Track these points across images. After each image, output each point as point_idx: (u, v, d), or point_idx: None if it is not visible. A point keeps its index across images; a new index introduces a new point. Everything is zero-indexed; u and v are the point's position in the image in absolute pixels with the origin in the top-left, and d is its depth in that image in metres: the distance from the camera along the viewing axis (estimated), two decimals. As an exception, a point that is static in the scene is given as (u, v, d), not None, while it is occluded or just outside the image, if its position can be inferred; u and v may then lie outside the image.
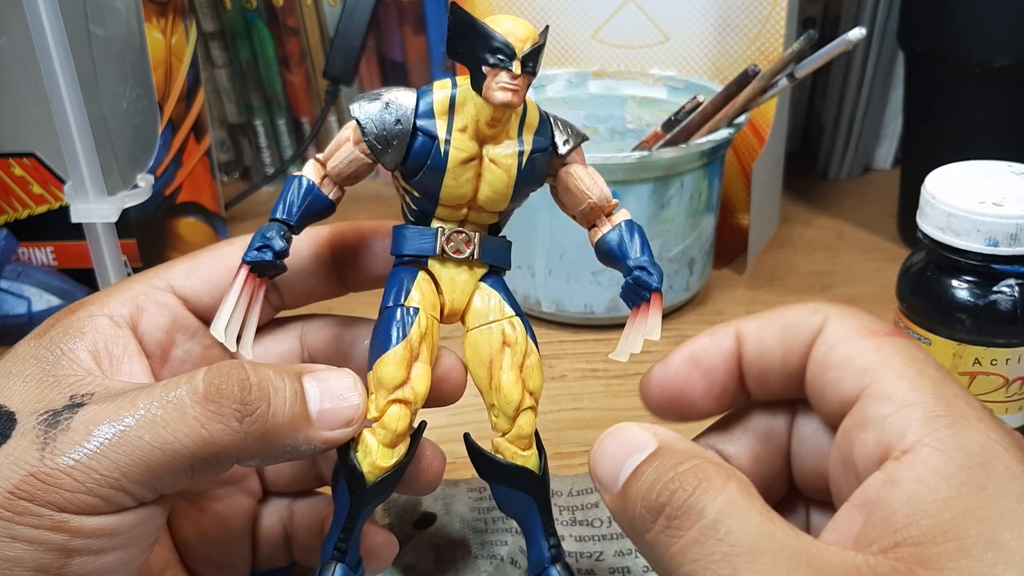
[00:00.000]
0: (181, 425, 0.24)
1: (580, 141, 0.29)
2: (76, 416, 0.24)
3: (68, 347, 0.27)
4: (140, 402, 0.24)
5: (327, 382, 0.26)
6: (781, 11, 0.60)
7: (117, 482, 0.23)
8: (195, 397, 0.24)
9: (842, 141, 0.77)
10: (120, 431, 0.23)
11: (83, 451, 0.23)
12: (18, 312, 0.57)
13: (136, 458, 0.23)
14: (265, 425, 0.25)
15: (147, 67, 0.60)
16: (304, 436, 0.26)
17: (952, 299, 0.40)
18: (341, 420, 0.26)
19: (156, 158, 0.61)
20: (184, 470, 0.24)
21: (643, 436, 0.25)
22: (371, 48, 0.76)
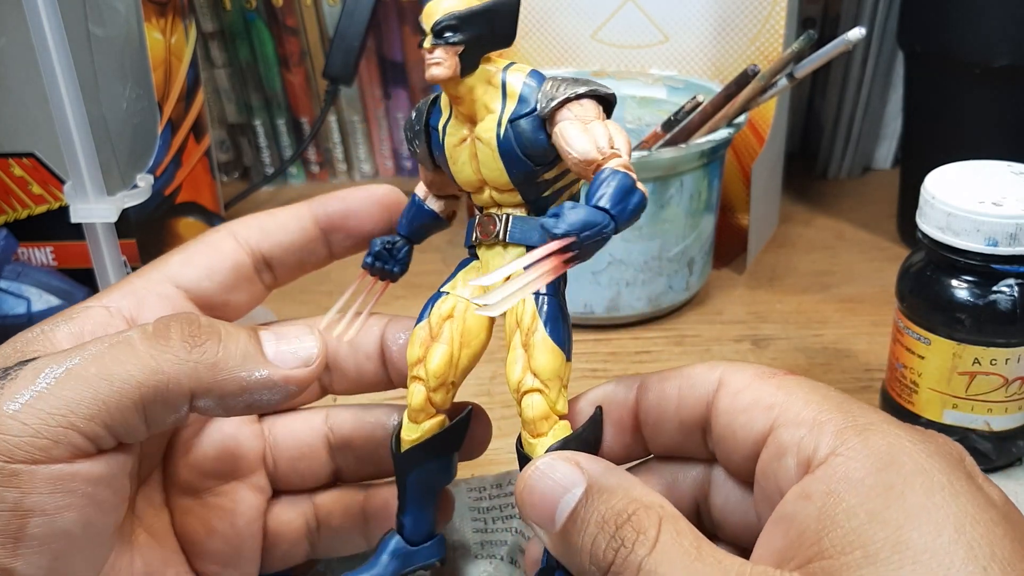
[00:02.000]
0: (130, 357, 0.24)
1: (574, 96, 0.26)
2: (25, 367, 0.24)
3: (49, 328, 0.27)
4: (89, 345, 0.24)
5: (282, 331, 0.27)
6: (781, 11, 0.60)
7: (65, 419, 0.23)
8: (144, 334, 0.24)
9: (842, 141, 0.77)
10: (67, 368, 0.23)
11: (29, 393, 0.23)
12: (18, 312, 0.57)
13: (83, 392, 0.23)
14: (216, 356, 0.25)
15: (147, 67, 0.59)
16: (260, 373, 0.25)
17: (952, 299, 0.40)
18: (298, 359, 0.26)
19: (156, 158, 0.61)
20: (135, 404, 0.24)
21: (570, 474, 0.24)
22: (371, 48, 0.76)
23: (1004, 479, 0.43)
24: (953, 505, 0.21)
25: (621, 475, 0.25)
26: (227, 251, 0.31)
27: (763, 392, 0.25)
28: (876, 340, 0.54)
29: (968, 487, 0.22)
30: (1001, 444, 0.42)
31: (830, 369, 0.52)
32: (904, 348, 0.43)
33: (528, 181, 0.28)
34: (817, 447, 0.23)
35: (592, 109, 0.26)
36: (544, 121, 0.27)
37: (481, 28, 0.26)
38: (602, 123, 0.26)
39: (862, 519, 0.21)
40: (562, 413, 0.28)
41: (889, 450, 0.22)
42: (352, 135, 0.80)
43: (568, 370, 0.28)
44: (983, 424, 0.42)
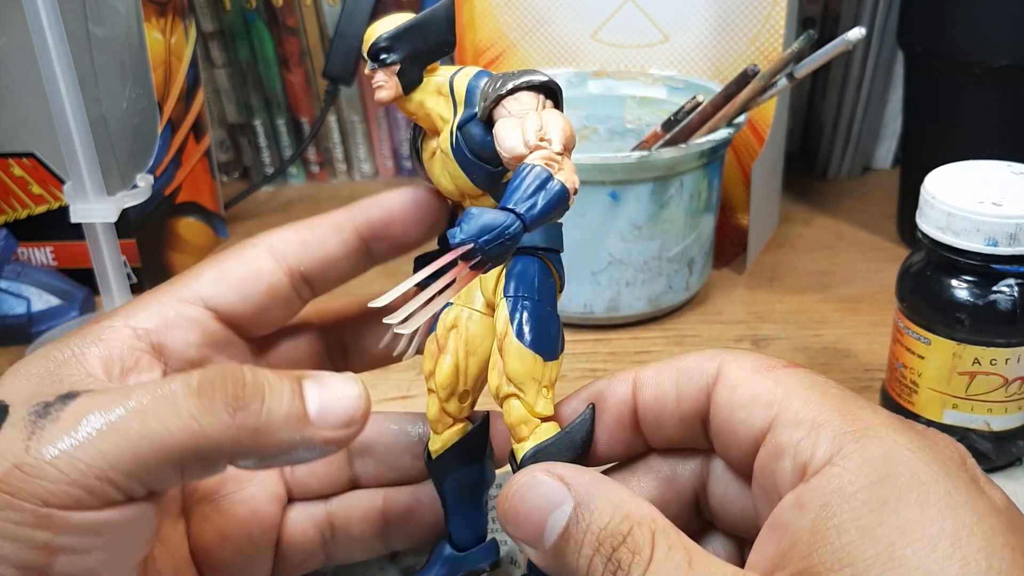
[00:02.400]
0: (172, 416, 0.23)
1: (505, 91, 0.26)
2: (67, 407, 0.23)
3: (80, 350, 0.26)
4: (133, 394, 0.24)
5: (327, 383, 0.25)
6: (781, 11, 0.60)
7: (103, 472, 0.23)
8: (188, 391, 0.24)
9: (842, 141, 0.77)
10: (109, 420, 0.23)
11: (69, 441, 0.22)
12: (17, 312, 0.57)
13: (123, 448, 0.23)
14: (259, 420, 0.24)
15: (147, 67, 0.60)
16: (301, 435, 0.25)
17: (952, 299, 0.40)
18: (341, 420, 0.25)
19: (156, 158, 0.61)
20: (174, 464, 0.23)
21: (557, 490, 0.24)
22: (371, 48, 0.75)
23: (1004, 479, 0.43)
24: (949, 519, 0.20)
25: (610, 488, 0.24)
26: (264, 271, 0.30)
27: (762, 387, 0.25)
28: (876, 340, 0.54)
29: (967, 496, 0.21)
30: (1001, 444, 0.42)
31: (830, 369, 0.52)
32: (904, 348, 0.43)
33: (494, 184, 0.27)
34: (814, 453, 0.23)
35: (528, 101, 0.26)
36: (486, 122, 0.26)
37: (414, 43, 0.26)
38: (536, 114, 0.25)
39: (853, 536, 0.21)
40: (544, 415, 0.27)
41: (886, 460, 0.22)
42: (352, 135, 0.80)
43: (550, 370, 0.28)
44: (983, 424, 0.42)
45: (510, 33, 0.67)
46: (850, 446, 0.22)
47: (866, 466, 0.22)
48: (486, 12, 0.67)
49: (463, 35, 0.68)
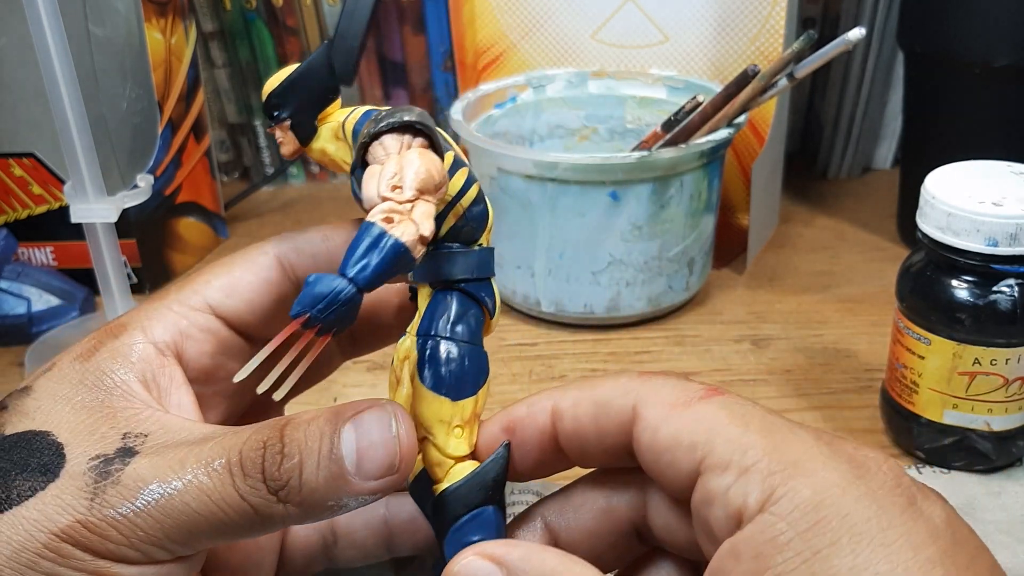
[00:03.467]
0: (224, 496, 0.24)
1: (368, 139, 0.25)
2: (126, 470, 0.24)
3: (121, 377, 0.26)
4: (188, 466, 0.24)
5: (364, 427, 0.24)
6: (781, 11, 0.60)
7: (159, 540, 0.24)
8: (235, 468, 0.24)
9: (842, 141, 0.77)
10: (167, 495, 0.24)
11: (130, 507, 0.23)
12: (18, 312, 0.57)
13: (180, 523, 0.24)
14: (301, 495, 0.24)
15: (147, 67, 0.60)
16: (344, 494, 0.24)
17: (952, 299, 0.40)
18: (380, 470, 0.24)
19: (156, 158, 0.61)
20: (225, 536, 0.24)
21: (489, 573, 0.25)
22: (371, 48, 0.76)
23: (1004, 479, 0.43)
24: (883, 561, 0.20)
25: (542, 557, 0.24)
26: (273, 282, 0.29)
27: (682, 427, 0.24)
28: (876, 340, 0.54)
29: (903, 527, 0.21)
30: (1001, 444, 0.42)
31: (830, 369, 0.52)
32: (904, 348, 0.43)
33: None
34: (746, 500, 0.22)
35: (391, 145, 0.25)
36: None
37: (299, 95, 0.26)
38: (396, 159, 0.24)
39: None
40: (455, 455, 0.27)
41: (816, 503, 0.21)
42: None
43: (461, 409, 0.27)
44: (983, 424, 0.42)
45: (510, 33, 0.67)
46: (780, 489, 0.22)
47: (796, 512, 0.21)
48: (486, 12, 0.67)
49: (463, 35, 0.68)
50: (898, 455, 0.45)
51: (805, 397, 0.50)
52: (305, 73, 0.26)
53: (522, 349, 0.55)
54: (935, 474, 0.43)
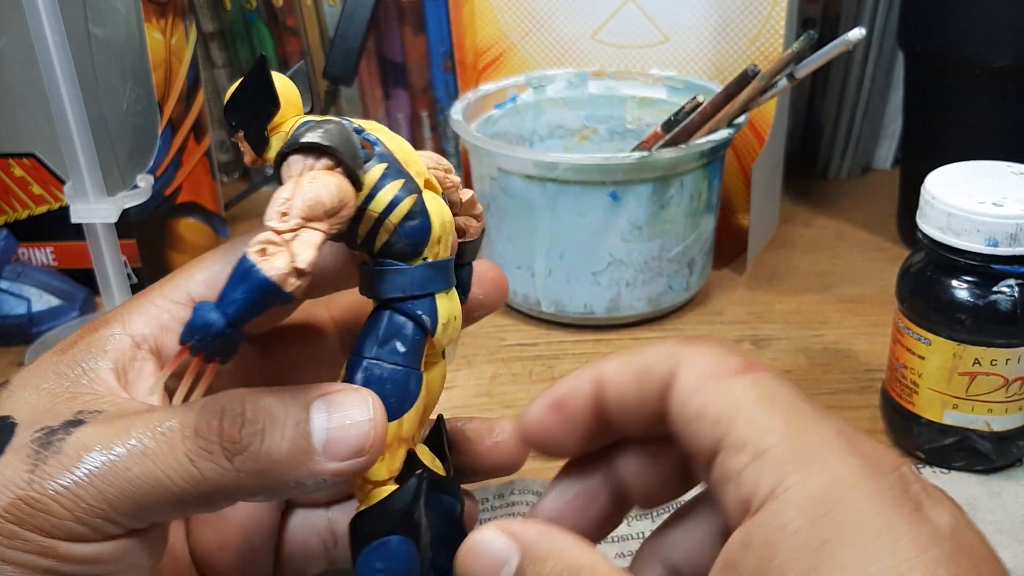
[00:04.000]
0: (171, 460, 0.23)
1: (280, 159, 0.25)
2: (69, 438, 0.23)
3: (91, 365, 0.26)
4: (134, 430, 0.23)
5: (337, 405, 0.24)
6: (781, 11, 0.60)
7: (104, 512, 0.23)
8: (187, 431, 0.23)
9: (842, 141, 0.77)
10: (109, 461, 0.23)
11: (71, 478, 0.23)
12: (18, 312, 0.57)
13: (124, 491, 0.23)
14: (259, 463, 0.23)
15: (147, 67, 0.60)
16: (308, 470, 0.23)
17: (952, 299, 0.40)
18: (349, 450, 0.24)
19: (156, 158, 0.61)
20: (174, 505, 0.23)
21: (503, 547, 0.25)
22: (371, 48, 0.76)
23: (1004, 479, 0.43)
24: (889, 555, 0.20)
25: (554, 538, 0.25)
26: None
27: (711, 399, 0.24)
28: (876, 340, 0.54)
29: (909, 528, 0.21)
30: (1001, 444, 0.42)
31: (830, 369, 0.52)
32: (904, 348, 0.43)
33: (343, 239, 0.26)
34: (757, 485, 0.22)
35: (296, 166, 0.24)
36: None
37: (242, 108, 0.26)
38: (290, 185, 0.24)
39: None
40: (373, 479, 0.26)
41: (826, 497, 0.21)
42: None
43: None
44: (983, 424, 0.42)
45: (510, 33, 0.67)
46: (791, 478, 0.22)
47: (807, 502, 0.21)
48: (486, 12, 0.67)
49: (463, 35, 0.68)
50: (898, 455, 0.45)
51: (805, 397, 0.50)
52: (243, 87, 0.26)
53: (522, 349, 0.55)
54: (935, 474, 0.43)
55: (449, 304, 0.27)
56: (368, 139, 0.26)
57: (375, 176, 0.25)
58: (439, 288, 0.26)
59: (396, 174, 0.25)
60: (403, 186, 0.25)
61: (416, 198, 0.26)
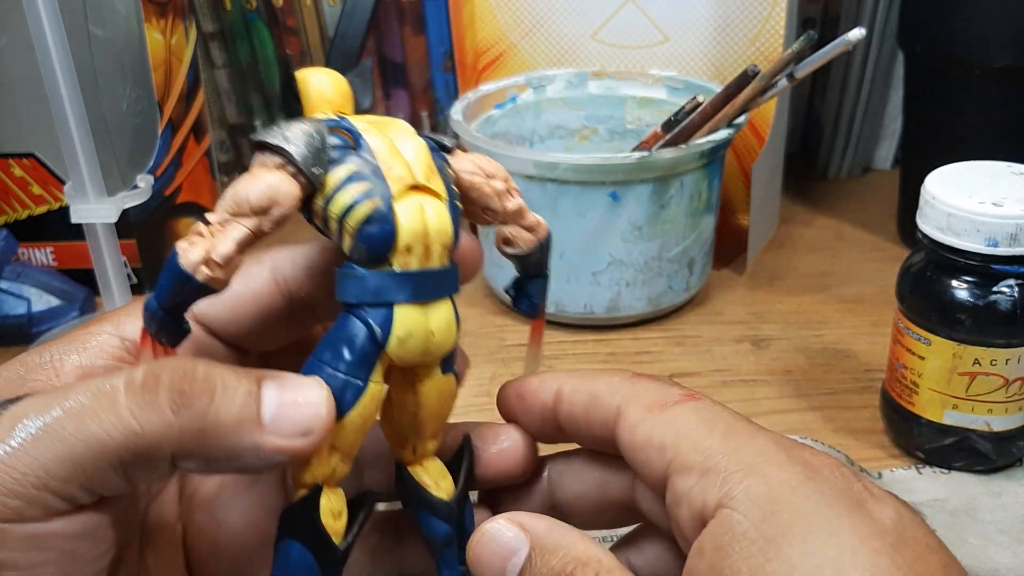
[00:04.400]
0: (110, 415, 0.22)
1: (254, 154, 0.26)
2: (6, 411, 0.22)
3: (58, 356, 0.26)
4: (72, 393, 0.22)
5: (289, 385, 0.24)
6: (781, 11, 0.60)
7: (40, 480, 0.21)
8: (131, 387, 0.22)
9: (842, 141, 0.77)
10: (44, 424, 0.21)
11: (4, 448, 0.21)
12: (18, 312, 0.57)
13: (59, 452, 0.21)
14: (204, 420, 0.22)
15: (147, 67, 0.60)
16: (251, 441, 0.23)
17: (952, 299, 0.40)
18: (296, 428, 0.23)
19: (156, 158, 0.61)
20: (113, 466, 0.22)
21: (513, 538, 0.26)
22: (371, 48, 0.76)
23: (1004, 479, 0.43)
24: (832, 546, 0.22)
25: (562, 532, 0.25)
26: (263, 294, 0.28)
27: (655, 429, 0.26)
28: (876, 340, 0.54)
29: (851, 521, 0.22)
30: (1001, 444, 0.42)
31: (830, 369, 0.52)
32: (904, 348, 0.43)
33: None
34: (706, 500, 0.24)
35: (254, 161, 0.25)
36: None
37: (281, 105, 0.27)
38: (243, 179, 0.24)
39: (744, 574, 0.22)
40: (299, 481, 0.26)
41: (770, 498, 0.23)
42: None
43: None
44: (983, 424, 0.42)
45: (510, 34, 0.67)
46: (736, 487, 0.23)
47: (752, 506, 0.23)
48: (486, 12, 0.67)
49: (463, 35, 0.68)
50: (898, 455, 0.45)
51: (805, 397, 0.50)
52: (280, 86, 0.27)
53: (522, 349, 0.55)
54: (935, 474, 0.43)
55: (416, 317, 0.25)
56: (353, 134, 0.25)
57: (338, 177, 0.25)
58: (401, 299, 0.25)
59: (362, 177, 0.25)
60: (366, 190, 0.25)
61: (376, 203, 0.25)
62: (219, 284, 0.24)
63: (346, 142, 0.25)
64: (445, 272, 0.26)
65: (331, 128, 0.25)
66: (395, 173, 0.25)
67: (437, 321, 0.26)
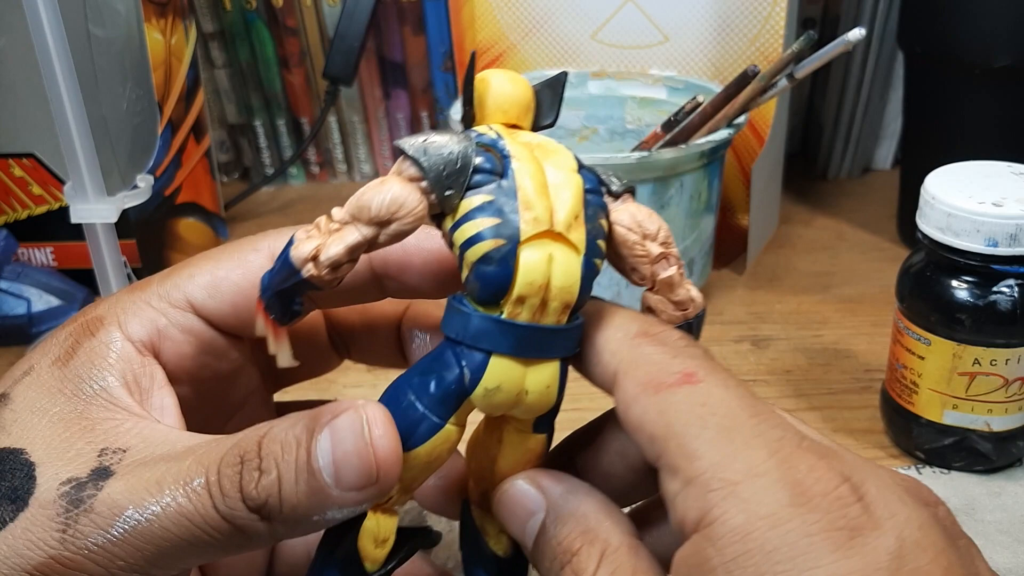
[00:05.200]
0: (207, 519, 0.22)
1: None
2: (100, 495, 0.23)
3: (100, 384, 0.25)
4: (166, 488, 0.23)
5: (339, 435, 0.23)
6: (781, 11, 0.60)
7: (140, 567, 0.22)
8: (215, 490, 0.23)
9: (842, 141, 0.77)
10: (145, 520, 0.22)
11: (106, 537, 0.22)
12: (18, 312, 0.57)
13: (161, 548, 0.22)
14: (282, 513, 0.23)
15: (147, 67, 0.60)
16: (329, 507, 0.23)
17: (952, 299, 0.40)
18: (359, 478, 0.23)
19: (156, 158, 0.61)
20: (213, 555, 0.23)
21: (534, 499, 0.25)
22: (371, 48, 0.76)
23: (1004, 479, 0.43)
24: None
25: (580, 500, 0.24)
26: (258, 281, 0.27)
27: (646, 415, 0.23)
28: (876, 340, 0.54)
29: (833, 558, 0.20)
30: (1001, 444, 0.42)
31: (830, 369, 0.52)
32: (904, 348, 0.43)
33: None
34: (686, 514, 0.22)
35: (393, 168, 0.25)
36: None
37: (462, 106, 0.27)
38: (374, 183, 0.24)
39: None
40: None
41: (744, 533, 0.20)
42: (352, 135, 0.80)
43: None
44: (983, 424, 0.42)
45: (510, 34, 0.67)
46: (715, 511, 0.21)
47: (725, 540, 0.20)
48: (486, 12, 0.67)
49: (463, 35, 0.68)
50: (898, 455, 0.45)
51: (805, 397, 0.50)
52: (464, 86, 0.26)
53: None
54: (935, 474, 0.43)
55: (512, 372, 0.24)
56: (504, 157, 0.24)
57: (470, 205, 0.23)
58: (500, 350, 0.23)
59: (496, 211, 0.23)
60: (494, 226, 0.23)
61: (500, 243, 0.23)
62: (324, 284, 0.24)
63: (493, 165, 0.24)
64: (558, 332, 0.24)
65: (482, 146, 0.24)
66: (532, 214, 0.23)
67: (536, 382, 0.24)
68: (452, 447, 0.25)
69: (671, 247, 0.25)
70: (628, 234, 0.25)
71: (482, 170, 0.23)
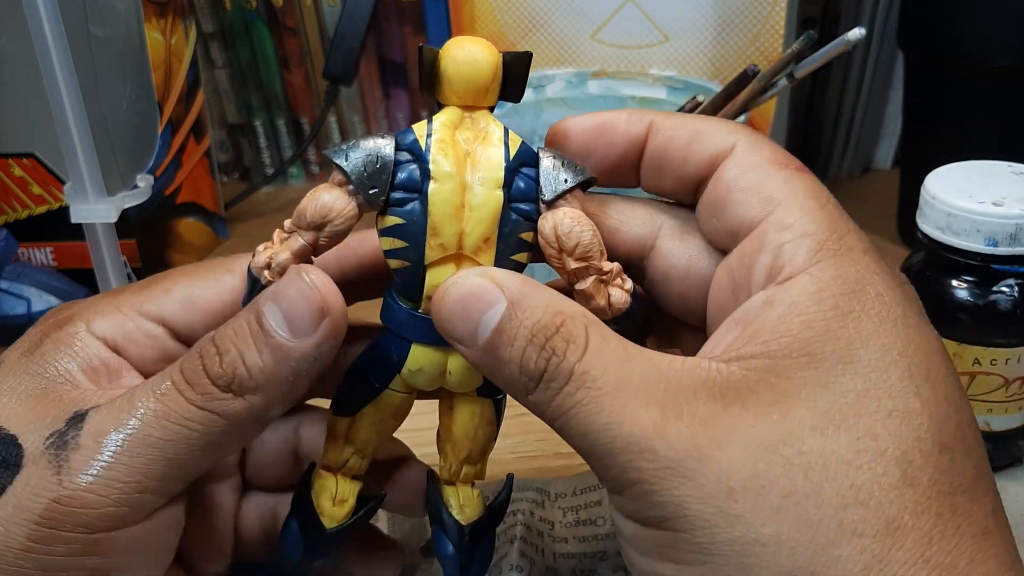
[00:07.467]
0: (184, 412, 0.23)
1: None
2: (82, 431, 0.24)
3: (64, 366, 0.26)
4: (138, 401, 0.24)
5: (282, 293, 0.24)
6: (781, 11, 0.60)
7: (140, 484, 0.23)
8: (182, 385, 0.24)
9: (842, 141, 0.77)
10: (128, 435, 0.23)
11: (99, 464, 0.23)
12: (18, 312, 0.57)
13: (153, 457, 0.23)
14: (253, 380, 0.24)
15: (147, 67, 0.60)
16: (294, 359, 0.24)
17: (952, 299, 0.40)
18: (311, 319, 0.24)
19: (156, 158, 0.61)
20: (204, 451, 0.24)
21: (491, 291, 0.24)
22: (371, 48, 0.76)
23: (1004, 479, 0.43)
24: (902, 333, 0.23)
25: (542, 289, 0.24)
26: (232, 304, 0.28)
27: (769, 180, 0.25)
28: (876, 340, 0.54)
29: (919, 321, 0.24)
30: (1001, 444, 0.42)
31: (830, 369, 0.52)
32: (904, 348, 0.43)
33: None
34: (794, 257, 0.24)
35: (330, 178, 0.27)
36: None
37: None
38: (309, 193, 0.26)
39: (817, 331, 0.22)
40: None
41: (857, 278, 0.23)
42: (352, 135, 0.80)
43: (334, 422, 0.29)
44: (983, 424, 0.42)
45: (510, 34, 0.67)
46: (828, 260, 0.24)
47: (839, 279, 0.23)
48: (486, 12, 0.67)
49: (462, 35, 0.68)
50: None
51: (805, 397, 0.50)
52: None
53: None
54: (935, 474, 0.43)
55: (433, 357, 0.27)
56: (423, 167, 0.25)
57: (387, 223, 0.25)
58: (417, 339, 0.26)
59: (406, 235, 0.25)
60: (403, 249, 0.25)
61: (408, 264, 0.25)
62: None
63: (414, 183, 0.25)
64: None
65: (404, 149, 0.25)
66: (439, 240, 0.25)
67: (457, 363, 0.27)
68: (396, 411, 0.28)
69: (590, 259, 0.26)
70: (546, 247, 0.26)
71: (403, 186, 0.25)
